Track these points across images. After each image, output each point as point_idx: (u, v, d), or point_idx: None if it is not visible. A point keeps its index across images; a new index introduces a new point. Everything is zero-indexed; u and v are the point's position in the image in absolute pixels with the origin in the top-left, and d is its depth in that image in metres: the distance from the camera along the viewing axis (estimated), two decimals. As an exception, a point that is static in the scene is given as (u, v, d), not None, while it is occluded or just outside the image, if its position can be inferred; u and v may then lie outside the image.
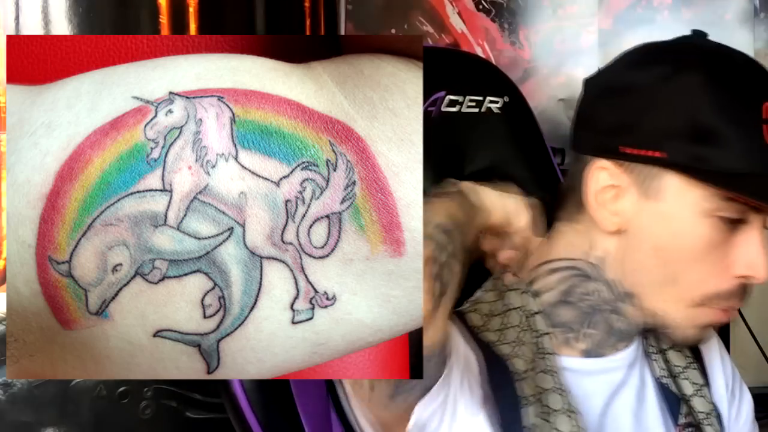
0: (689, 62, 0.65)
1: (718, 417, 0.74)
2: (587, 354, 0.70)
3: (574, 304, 0.69)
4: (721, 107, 0.62)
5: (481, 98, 0.81)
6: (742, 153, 0.62)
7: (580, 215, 0.69)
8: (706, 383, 0.75)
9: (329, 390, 0.79)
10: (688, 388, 0.73)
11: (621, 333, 0.70)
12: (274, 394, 0.76)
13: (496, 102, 0.82)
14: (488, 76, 0.85)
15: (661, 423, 0.73)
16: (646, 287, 0.67)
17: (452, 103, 0.80)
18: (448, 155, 0.79)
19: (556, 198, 0.72)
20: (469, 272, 0.63)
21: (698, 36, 0.69)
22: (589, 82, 0.71)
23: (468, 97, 0.80)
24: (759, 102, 0.63)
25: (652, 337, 0.74)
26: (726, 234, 0.64)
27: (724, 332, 0.84)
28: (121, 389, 1.06)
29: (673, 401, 0.73)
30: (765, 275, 0.64)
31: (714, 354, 0.78)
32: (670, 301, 0.66)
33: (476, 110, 0.81)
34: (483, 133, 0.81)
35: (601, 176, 0.66)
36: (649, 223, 0.65)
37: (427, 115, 0.78)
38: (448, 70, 0.83)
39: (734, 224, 0.64)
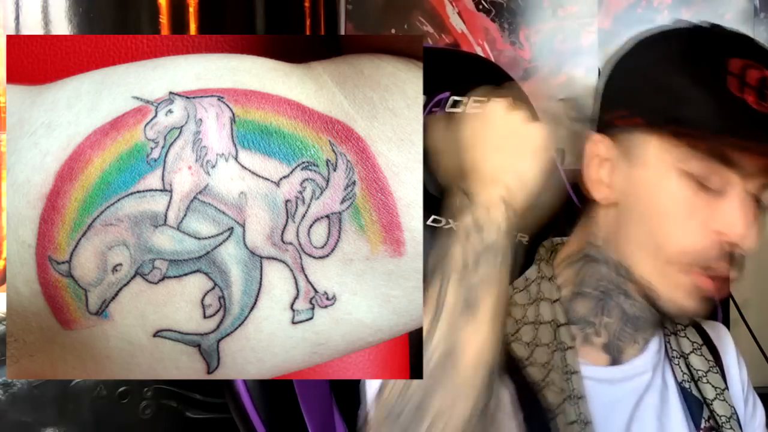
0: (660, 34, 0.69)
1: (738, 421, 0.75)
2: (608, 350, 0.71)
3: (589, 294, 0.71)
4: (687, 68, 0.65)
5: (485, 99, 0.82)
6: (710, 106, 0.63)
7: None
8: (726, 387, 0.75)
9: (332, 389, 0.79)
10: (710, 392, 0.74)
11: (636, 321, 0.71)
12: (278, 393, 0.76)
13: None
14: (492, 77, 0.85)
15: (684, 427, 0.73)
16: (635, 255, 0.68)
17: (456, 104, 0.80)
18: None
19: None
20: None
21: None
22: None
23: (472, 98, 0.81)
24: (722, 58, 0.64)
25: (674, 341, 0.75)
26: (709, 200, 0.65)
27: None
28: (121, 389, 1.06)
29: (694, 405, 0.74)
30: (743, 235, 0.65)
31: (731, 358, 0.79)
32: (659, 268, 0.67)
33: (480, 111, 0.81)
34: None
35: (596, 150, 0.69)
36: (635, 192, 0.67)
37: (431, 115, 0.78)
38: (453, 70, 0.83)
39: (717, 193, 0.65)
